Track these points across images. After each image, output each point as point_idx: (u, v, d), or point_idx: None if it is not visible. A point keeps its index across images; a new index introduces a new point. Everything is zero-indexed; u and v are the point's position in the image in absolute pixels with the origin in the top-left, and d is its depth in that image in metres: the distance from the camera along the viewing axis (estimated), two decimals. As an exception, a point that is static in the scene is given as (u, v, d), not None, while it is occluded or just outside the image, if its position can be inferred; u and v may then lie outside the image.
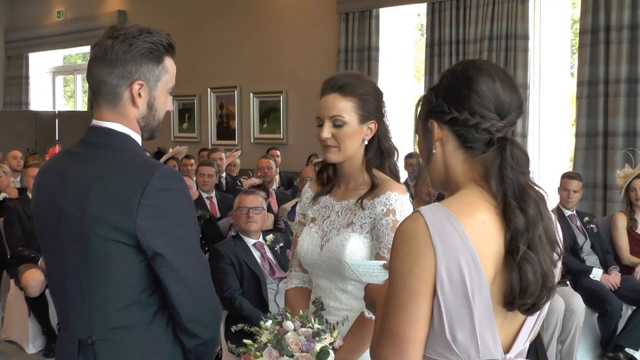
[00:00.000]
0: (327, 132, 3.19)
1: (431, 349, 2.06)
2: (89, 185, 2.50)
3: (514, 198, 2.06)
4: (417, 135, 2.31)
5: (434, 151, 2.21)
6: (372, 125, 3.24)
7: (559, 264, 2.17)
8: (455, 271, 1.99)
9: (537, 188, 2.12)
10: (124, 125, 2.60)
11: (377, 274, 2.37)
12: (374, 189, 3.21)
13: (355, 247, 3.16)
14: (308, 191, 3.52)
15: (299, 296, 3.49)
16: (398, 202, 3.14)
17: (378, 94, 3.28)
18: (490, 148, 2.12)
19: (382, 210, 3.14)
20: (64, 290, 2.62)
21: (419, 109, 2.28)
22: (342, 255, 3.16)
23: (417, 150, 2.31)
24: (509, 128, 2.16)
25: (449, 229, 2.01)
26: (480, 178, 2.13)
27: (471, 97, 2.13)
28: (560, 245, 2.15)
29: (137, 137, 2.64)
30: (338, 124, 3.19)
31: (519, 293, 2.02)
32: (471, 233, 2.02)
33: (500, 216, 2.07)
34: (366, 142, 3.25)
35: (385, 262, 2.36)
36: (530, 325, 2.19)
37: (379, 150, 3.28)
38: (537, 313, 2.17)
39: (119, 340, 2.54)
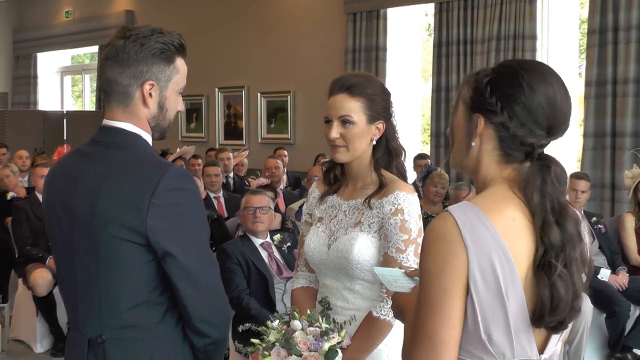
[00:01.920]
0: (335, 132, 3.21)
1: (465, 351, 2.04)
2: (100, 184, 2.51)
3: (552, 214, 2.04)
4: (454, 114, 2.25)
5: (473, 144, 2.16)
6: (380, 125, 3.25)
7: (586, 285, 2.14)
8: (488, 269, 1.97)
9: (572, 209, 2.08)
10: (134, 125, 2.61)
11: (402, 282, 2.37)
12: (382, 188, 3.22)
13: (363, 247, 3.17)
14: (315, 191, 3.52)
15: (306, 296, 3.49)
16: (406, 202, 3.15)
17: (386, 94, 3.29)
18: (530, 161, 2.09)
19: (391, 209, 3.15)
20: (74, 289, 2.63)
21: (465, 91, 2.20)
22: (349, 254, 3.17)
23: (429, 151, 2.29)
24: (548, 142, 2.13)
25: (479, 227, 1.99)
26: (518, 188, 2.09)
27: (527, 109, 2.07)
28: (590, 265, 2.11)
29: (148, 137, 2.65)
30: (346, 124, 3.19)
31: (549, 310, 1.99)
32: (502, 230, 2.00)
33: (529, 215, 2.04)
34: (374, 142, 3.26)
35: (406, 270, 2.36)
36: (557, 339, 2.17)
37: (387, 150, 3.29)
38: None
39: (129, 340, 2.55)
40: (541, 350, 2.11)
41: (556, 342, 2.16)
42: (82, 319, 2.61)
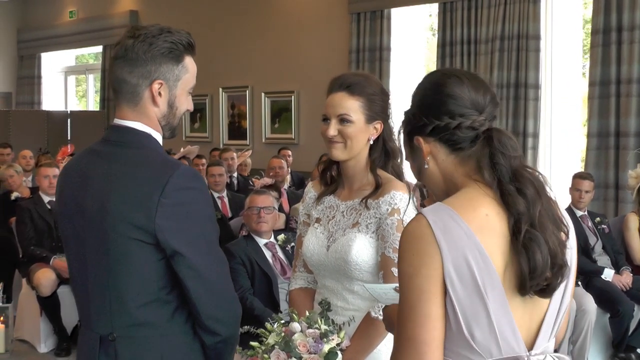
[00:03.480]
0: (333, 129, 3.21)
1: (451, 351, 2.05)
2: (110, 183, 2.54)
3: (509, 182, 2.07)
4: (408, 161, 2.34)
5: (426, 166, 2.21)
6: (378, 125, 3.25)
7: (572, 244, 2.16)
8: (463, 267, 1.98)
9: (532, 171, 2.12)
10: (144, 124, 2.64)
11: (393, 295, 2.38)
12: (378, 188, 3.21)
13: (361, 248, 3.17)
14: (311, 191, 3.53)
15: (304, 297, 3.49)
16: (403, 202, 3.15)
17: (385, 95, 3.30)
18: (478, 142, 2.15)
19: (387, 209, 3.16)
20: (85, 287, 2.65)
21: (401, 134, 2.31)
22: (348, 255, 3.18)
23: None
24: (490, 122, 2.18)
25: (452, 226, 2.01)
26: (475, 172, 2.14)
27: (446, 101, 2.16)
28: (566, 224, 2.14)
29: (158, 136, 2.68)
30: (344, 122, 3.19)
31: (529, 274, 2.01)
32: (475, 227, 2.02)
33: (501, 206, 2.07)
34: (371, 142, 3.26)
35: (396, 285, 2.36)
36: (552, 320, 2.17)
37: (384, 151, 3.30)
38: (558, 304, 2.16)
39: (140, 337, 2.58)
40: (530, 346, 2.11)
41: (548, 338, 2.16)
42: (94, 317, 2.64)
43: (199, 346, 2.64)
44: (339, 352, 3.02)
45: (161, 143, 2.69)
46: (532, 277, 2.01)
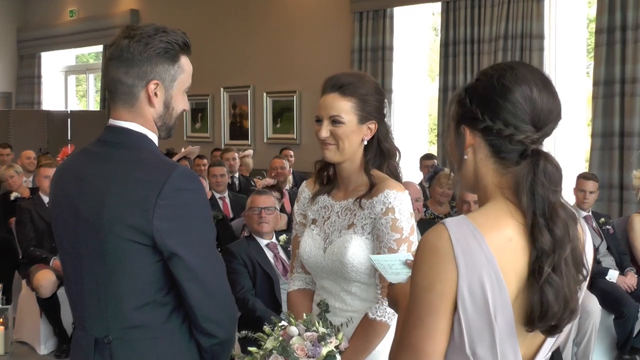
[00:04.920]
0: (325, 131, 3.20)
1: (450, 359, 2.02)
2: (106, 184, 2.52)
3: (542, 216, 2.00)
4: (447, 134, 2.26)
5: (466, 157, 2.15)
6: (372, 125, 3.24)
7: (585, 285, 2.11)
8: (477, 288, 1.95)
9: (568, 207, 2.05)
10: (140, 124, 2.62)
11: (399, 271, 2.36)
12: (372, 188, 3.20)
13: (357, 249, 3.17)
14: (305, 190, 3.52)
15: (302, 298, 3.49)
16: (397, 200, 3.14)
17: (380, 95, 3.28)
18: (524, 161, 2.06)
19: (382, 209, 3.15)
20: (80, 289, 2.63)
21: (452, 108, 2.21)
22: (344, 257, 3.18)
23: (436, 151, 2.27)
24: (544, 138, 2.10)
25: (473, 245, 1.96)
26: (511, 192, 2.07)
27: (505, 108, 2.06)
28: (588, 266, 2.08)
29: (154, 137, 2.66)
30: (336, 123, 3.17)
31: (539, 316, 1.98)
32: (496, 250, 1.97)
33: (527, 234, 2.01)
34: (365, 142, 3.24)
35: (405, 257, 2.36)
36: (552, 342, 2.15)
37: (379, 152, 3.29)
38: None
39: (135, 340, 2.56)
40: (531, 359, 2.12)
41: (547, 353, 2.15)
42: (89, 319, 2.62)
43: (195, 348, 2.64)
44: (337, 355, 3.03)
45: (157, 144, 2.67)
46: (542, 319, 1.98)
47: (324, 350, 2.99)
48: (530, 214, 2.01)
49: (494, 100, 2.07)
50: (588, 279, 2.12)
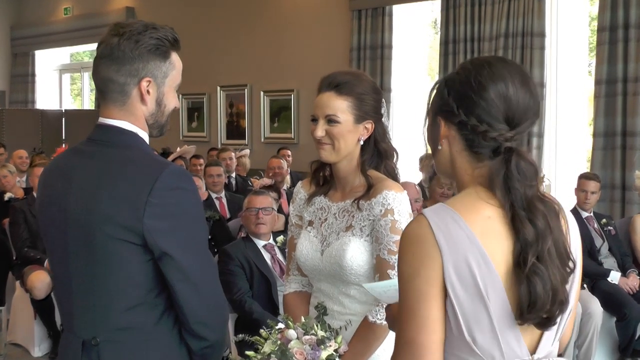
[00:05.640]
0: (321, 130, 3.17)
1: (452, 355, 2.03)
2: (96, 183, 2.51)
3: (522, 209, 2.04)
4: (425, 121, 2.30)
5: (440, 147, 2.20)
6: (369, 125, 3.21)
7: (575, 279, 2.14)
8: (464, 269, 1.98)
9: (547, 199, 2.10)
10: (131, 123, 2.60)
11: (393, 294, 2.35)
12: (370, 189, 3.17)
13: (355, 252, 3.14)
14: (300, 191, 3.48)
15: (299, 301, 3.46)
16: (396, 201, 3.12)
17: (377, 94, 3.26)
18: (497, 157, 2.10)
19: (381, 210, 3.12)
20: (68, 290, 2.61)
21: (431, 96, 2.25)
22: (343, 260, 3.15)
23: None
24: (519, 136, 2.13)
25: (453, 228, 2.00)
26: (486, 184, 2.11)
27: (480, 105, 2.09)
28: (574, 258, 2.11)
29: (145, 135, 2.65)
30: (332, 122, 3.15)
31: (528, 307, 1.99)
32: (477, 230, 2.01)
33: (506, 219, 2.05)
34: (362, 142, 3.21)
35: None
36: (551, 338, 2.15)
37: (376, 152, 3.26)
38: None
39: (124, 342, 2.54)
40: (533, 350, 2.10)
41: (552, 342, 2.15)
42: (76, 321, 2.60)
43: (186, 351, 2.61)
44: (337, 359, 3.00)
45: (148, 142, 2.66)
46: (531, 310, 1.99)
47: (324, 354, 2.96)
48: (508, 206, 2.04)
49: (469, 97, 2.10)
50: (580, 272, 2.17)
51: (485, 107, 2.08)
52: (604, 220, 7.83)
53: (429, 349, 1.98)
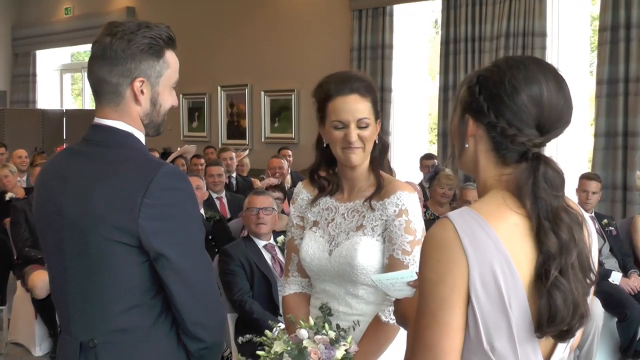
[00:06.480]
0: (355, 134, 3.13)
1: None
2: (91, 184, 2.49)
3: (547, 220, 1.99)
4: (452, 117, 2.23)
5: (467, 145, 2.14)
6: (379, 123, 3.24)
7: (592, 289, 2.09)
8: (489, 277, 1.93)
9: (572, 211, 2.04)
10: (126, 123, 2.59)
11: (403, 288, 2.34)
12: (380, 188, 3.17)
13: (367, 251, 3.13)
14: (302, 192, 3.46)
15: (299, 302, 3.43)
16: (410, 202, 3.13)
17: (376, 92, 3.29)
18: (524, 162, 2.05)
19: (394, 211, 3.12)
20: (65, 291, 2.60)
21: (462, 91, 2.18)
22: (354, 260, 3.13)
23: (436, 151, 2.24)
24: (548, 142, 2.08)
25: (480, 234, 1.95)
26: (513, 190, 2.04)
27: (511, 108, 2.03)
28: (595, 270, 2.06)
29: (141, 136, 2.63)
30: (363, 125, 3.14)
31: (547, 321, 1.95)
32: (503, 236, 1.96)
33: (531, 229, 1.99)
34: (377, 141, 3.23)
35: (409, 277, 2.33)
36: (563, 347, 2.11)
37: (379, 147, 3.27)
38: None
39: (121, 343, 2.53)
40: (548, 357, 2.08)
41: (564, 349, 2.12)
42: (74, 322, 2.59)
43: (184, 353, 2.59)
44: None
45: (144, 142, 2.64)
46: (550, 324, 1.95)
47: (339, 354, 2.97)
48: (535, 217, 1.99)
49: (501, 99, 2.04)
50: (595, 283, 2.10)
51: (516, 111, 2.03)
52: (605, 220, 7.80)
53: (450, 354, 1.95)
